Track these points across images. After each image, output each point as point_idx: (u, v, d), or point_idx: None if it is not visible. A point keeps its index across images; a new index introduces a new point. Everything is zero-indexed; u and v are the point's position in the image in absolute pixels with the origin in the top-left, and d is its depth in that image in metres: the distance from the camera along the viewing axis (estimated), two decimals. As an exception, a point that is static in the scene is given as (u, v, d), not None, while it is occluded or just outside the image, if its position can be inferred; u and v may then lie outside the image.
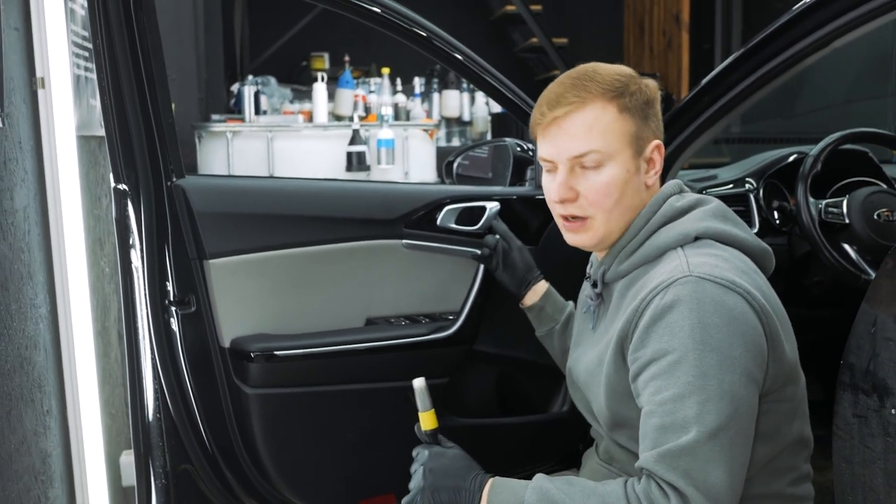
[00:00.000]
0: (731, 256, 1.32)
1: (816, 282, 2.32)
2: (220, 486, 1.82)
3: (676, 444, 1.20)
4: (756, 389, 1.25)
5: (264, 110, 4.96)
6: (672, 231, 1.36)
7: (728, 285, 1.24)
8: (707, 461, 1.19)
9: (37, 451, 1.76)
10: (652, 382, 1.25)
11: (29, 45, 1.79)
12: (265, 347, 1.78)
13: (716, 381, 1.21)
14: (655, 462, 1.21)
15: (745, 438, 1.23)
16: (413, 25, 1.89)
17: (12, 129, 1.69)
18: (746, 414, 1.23)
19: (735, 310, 1.23)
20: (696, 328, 1.22)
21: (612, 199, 1.37)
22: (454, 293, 2.00)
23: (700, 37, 6.92)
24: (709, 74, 2.09)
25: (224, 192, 1.79)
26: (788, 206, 2.31)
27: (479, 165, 2.58)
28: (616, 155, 1.36)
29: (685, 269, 1.27)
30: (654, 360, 1.26)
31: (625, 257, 1.40)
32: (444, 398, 1.97)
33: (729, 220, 1.40)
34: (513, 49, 7.32)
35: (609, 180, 1.36)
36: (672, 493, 1.20)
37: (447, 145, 5.62)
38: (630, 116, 1.36)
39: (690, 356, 1.21)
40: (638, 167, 1.38)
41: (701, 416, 1.20)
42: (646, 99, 1.38)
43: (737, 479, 1.22)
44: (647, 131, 1.38)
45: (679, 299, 1.24)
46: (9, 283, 1.64)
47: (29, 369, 1.73)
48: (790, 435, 1.36)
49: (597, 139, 1.35)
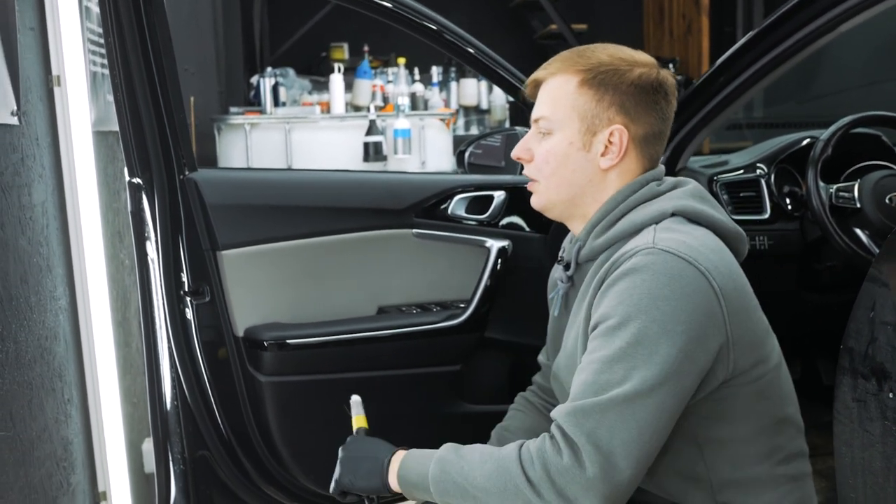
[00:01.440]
0: (701, 235, 1.32)
1: (829, 267, 2.32)
2: (236, 472, 1.86)
3: (590, 401, 1.21)
4: (693, 368, 1.23)
5: (283, 102, 4.99)
6: (649, 209, 1.36)
7: (689, 260, 1.24)
8: (614, 424, 1.19)
9: (58, 439, 1.81)
10: (591, 342, 1.27)
11: (45, 44, 1.83)
12: (278, 336, 1.82)
13: (647, 351, 1.20)
14: (565, 415, 1.22)
15: (663, 413, 1.21)
16: (423, 19, 1.91)
17: (29, 127, 1.73)
18: (673, 390, 1.21)
19: (689, 286, 1.23)
20: (645, 297, 1.22)
21: (549, 168, 1.40)
22: (465, 281, 2.02)
23: (721, 20, 6.87)
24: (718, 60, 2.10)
25: (235, 185, 1.83)
26: (800, 190, 2.31)
27: (491, 154, 2.60)
28: (563, 125, 1.38)
29: (650, 241, 1.28)
30: (599, 322, 1.27)
31: (600, 232, 1.39)
32: (455, 385, 2.00)
33: (706, 200, 1.40)
34: (532, 36, 7.30)
35: (550, 148, 1.40)
36: (567, 450, 1.20)
37: (466, 134, 5.62)
38: (591, 92, 1.36)
39: (632, 323, 1.22)
40: (586, 144, 1.37)
41: (623, 381, 1.20)
42: (626, 82, 1.36)
43: (644, 451, 1.20)
44: (611, 113, 1.36)
45: (637, 267, 1.25)
46: (28, 277, 1.69)
47: (49, 359, 1.78)
48: (768, 416, 1.35)
49: (549, 106, 1.40)
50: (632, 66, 1.38)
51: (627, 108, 1.37)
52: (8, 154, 1.62)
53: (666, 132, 1.43)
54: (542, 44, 7.26)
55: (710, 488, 1.35)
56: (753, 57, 2.05)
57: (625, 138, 1.37)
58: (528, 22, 7.35)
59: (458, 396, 2.02)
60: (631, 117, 1.37)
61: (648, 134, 1.40)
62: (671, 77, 1.42)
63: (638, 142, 1.39)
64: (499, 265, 1.97)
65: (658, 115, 1.40)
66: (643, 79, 1.37)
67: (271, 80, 4.84)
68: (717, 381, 1.29)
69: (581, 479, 1.19)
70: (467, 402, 2.03)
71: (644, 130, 1.39)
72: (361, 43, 5.82)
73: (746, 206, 2.33)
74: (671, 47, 6.75)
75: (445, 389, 1.99)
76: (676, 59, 6.46)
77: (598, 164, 1.39)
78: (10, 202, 1.62)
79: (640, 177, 1.41)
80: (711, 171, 2.39)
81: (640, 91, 1.37)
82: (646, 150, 1.41)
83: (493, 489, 1.24)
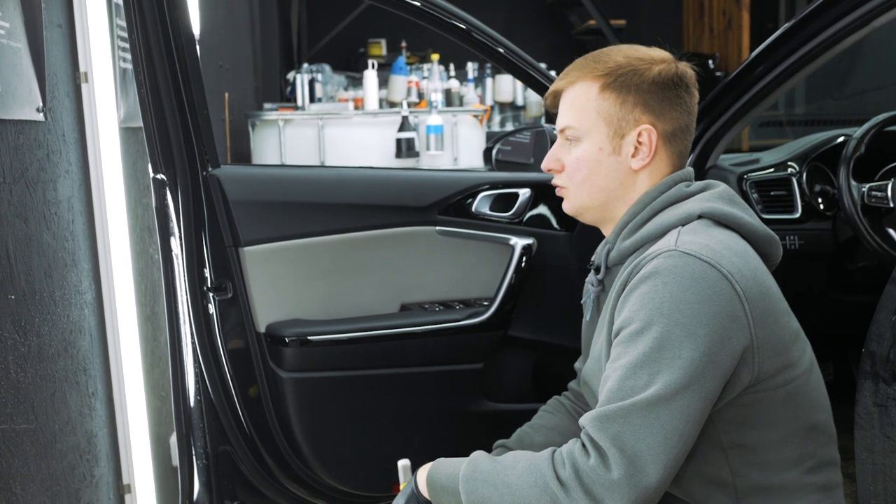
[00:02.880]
0: (725, 238, 1.30)
1: (861, 267, 2.28)
2: (258, 467, 1.87)
3: (615, 406, 1.20)
4: (716, 371, 1.22)
5: (319, 98, 5.02)
6: (676, 211, 1.35)
7: (710, 262, 1.23)
8: (639, 428, 1.18)
9: (82, 432, 1.84)
10: (615, 349, 1.26)
11: (72, 41, 1.86)
12: (300, 332, 1.82)
13: (671, 355, 1.19)
14: (591, 421, 1.22)
15: (688, 417, 1.20)
16: (452, 18, 1.91)
17: (55, 123, 1.76)
18: (697, 393, 1.20)
19: (712, 289, 1.22)
20: (667, 301, 1.21)
21: (581, 175, 1.41)
22: (488, 279, 2.02)
23: (763, 16, 6.76)
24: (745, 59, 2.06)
25: (257, 181, 1.84)
26: (832, 189, 2.26)
27: (520, 151, 2.58)
28: (591, 132, 1.39)
29: (672, 243, 1.27)
30: (622, 328, 1.26)
31: (628, 234, 1.39)
32: (478, 383, 2.00)
33: (735, 203, 1.38)
34: (570, 31, 7.25)
35: (580, 156, 1.40)
36: (594, 452, 1.20)
37: (500, 130, 5.61)
38: (613, 96, 1.37)
39: (654, 327, 1.21)
40: (615, 148, 1.38)
41: (647, 386, 1.19)
42: (647, 81, 1.36)
43: (670, 455, 1.19)
44: (637, 114, 1.36)
45: (657, 271, 1.24)
46: (52, 271, 1.71)
47: (73, 353, 1.81)
48: (797, 422, 1.33)
49: (574, 115, 1.40)
50: (650, 64, 1.37)
51: (652, 107, 1.37)
52: (34, 150, 1.64)
53: (692, 125, 1.42)
54: (581, 39, 7.21)
55: (735, 494, 1.33)
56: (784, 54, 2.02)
57: (654, 137, 1.37)
58: (567, 17, 7.30)
59: (481, 394, 2.02)
60: (656, 115, 1.37)
61: (676, 129, 1.39)
62: (690, 69, 1.41)
63: (666, 138, 1.39)
64: (523, 263, 1.96)
65: (682, 109, 1.39)
66: (663, 75, 1.37)
67: (308, 76, 4.87)
68: (741, 385, 1.28)
69: (606, 480, 1.19)
70: (490, 401, 2.03)
71: (671, 126, 1.38)
72: (399, 39, 5.83)
73: (777, 204, 2.30)
74: (711, 43, 6.67)
75: (468, 387, 1.99)
76: (716, 55, 6.38)
77: (630, 166, 1.39)
78: (35, 197, 1.64)
79: (668, 177, 1.40)
80: (741, 170, 2.35)
81: (661, 87, 1.37)
82: (674, 145, 1.40)
83: (523, 485, 1.24)
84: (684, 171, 1.42)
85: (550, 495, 1.21)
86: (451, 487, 1.31)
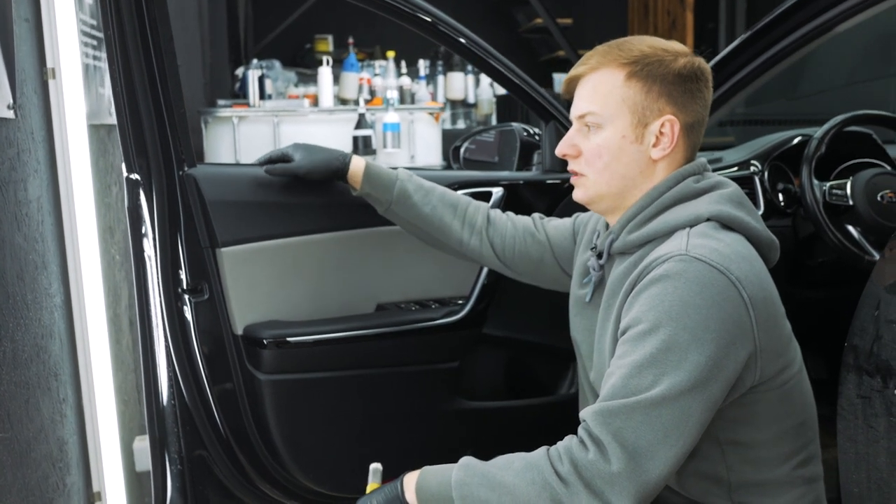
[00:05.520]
0: (734, 242, 1.32)
1: (820, 263, 2.33)
2: (234, 471, 1.84)
3: (617, 402, 1.22)
4: (721, 376, 1.24)
5: (269, 94, 4.95)
6: (685, 211, 1.36)
7: (720, 269, 1.25)
8: (640, 425, 1.20)
9: (54, 439, 1.79)
10: (621, 346, 1.27)
11: (39, 35, 1.80)
12: (277, 334, 1.81)
13: (677, 358, 1.21)
14: (592, 415, 1.23)
15: (689, 419, 1.22)
16: (417, 11, 1.90)
17: (25, 121, 1.70)
18: (700, 396, 1.22)
19: (720, 295, 1.24)
20: (676, 304, 1.23)
21: (602, 162, 1.40)
22: (463, 277, 2.02)
23: (704, 17, 6.89)
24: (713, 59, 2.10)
25: (235, 181, 1.81)
26: (793, 188, 2.32)
27: (485, 150, 2.60)
28: (614, 119, 1.38)
29: (683, 247, 1.28)
30: (630, 327, 1.27)
31: (634, 228, 1.40)
32: (454, 382, 2.00)
33: (744, 206, 1.39)
34: (517, 29, 7.30)
35: (602, 142, 1.39)
36: (592, 447, 1.21)
37: (452, 128, 5.62)
38: (639, 85, 1.36)
39: (662, 330, 1.22)
40: (638, 136, 1.38)
41: (652, 386, 1.21)
42: (672, 72, 1.36)
43: (669, 454, 1.21)
44: (661, 104, 1.36)
45: (668, 274, 1.25)
46: (24, 274, 1.66)
47: (45, 358, 1.76)
48: (791, 419, 1.37)
49: (597, 101, 1.39)
50: (674, 55, 1.38)
51: (675, 98, 1.37)
52: (4, 149, 1.59)
53: (706, 118, 1.43)
54: (527, 38, 7.27)
55: (728, 488, 1.37)
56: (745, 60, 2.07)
57: (676, 128, 1.38)
58: (513, 16, 7.35)
59: (456, 393, 2.02)
60: (679, 107, 1.38)
61: (695, 122, 1.40)
62: (706, 63, 1.42)
63: (686, 130, 1.40)
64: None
65: (701, 103, 1.40)
66: (687, 67, 1.37)
67: (257, 72, 4.81)
68: (744, 387, 1.31)
69: (606, 472, 1.20)
70: (464, 399, 2.03)
71: (691, 119, 1.39)
72: (346, 35, 5.79)
73: (741, 202, 2.34)
74: (655, 42, 6.77)
75: (444, 386, 1.99)
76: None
77: (650, 156, 1.39)
78: (7, 198, 1.59)
79: (677, 172, 1.40)
80: (706, 168, 2.39)
81: (684, 80, 1.37)
82: (691, 138, 1.41)
83: (521, 484, 1.23)
84: (695, 164, 1.42)
85: (550, 492, 1.21)
86: (443, 494, 1.29)
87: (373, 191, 1.75)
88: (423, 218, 1.76)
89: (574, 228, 1.72)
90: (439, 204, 1.76)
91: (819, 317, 2.28)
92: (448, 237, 1.77)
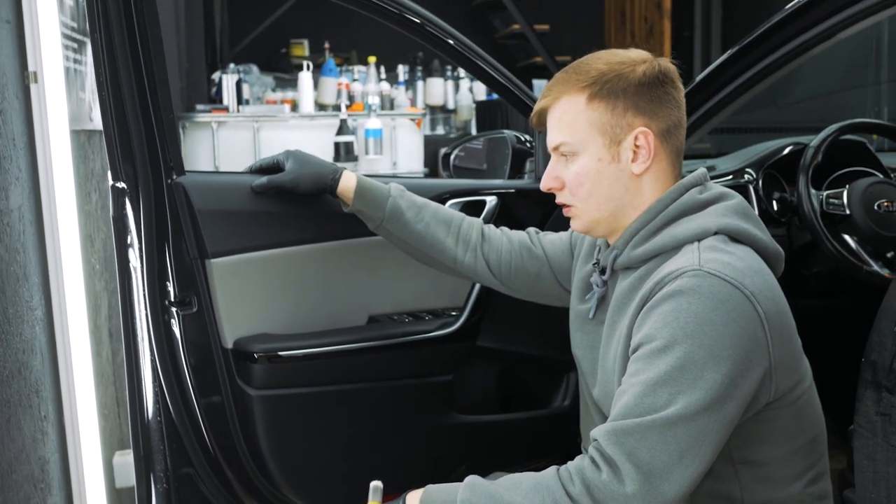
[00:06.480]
0: (745, 255, 1.29)
1: (816, 272, 2.31)
2: (222, 490, 1.79)
3: (631, 421, 1.18)
4: (737, 394, 1.21)
5: (246, 99, 4.89)
6: (692, 224, 1.32)
7: (735, 284, 1.22)
8: (655, 445, 1.17)
9: (35, 459, 1.72)
10: (634, 364, 1.24)
11: (21, 37, 1.73)
12: (269, 348, 1.75)
13: (693, 377, 1.18)
14: (605, 434, 1.20)
15: (705, 438, 1.19)
16: (405, 11, 1.86)
17: (6, 126, 1.63)
18: (716, 416, 1.19)
19: (735, 311, 1.21)
20: (692, 321, 1.20)
21: (584, 189, 1.38)
22: (456, 288, 1.99)
23: (680, 24, 6.92)
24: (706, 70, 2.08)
25: (225, 190, 1.75)
26: (788, 196, 2.30)
27: (474, 157, 2.56)
28: (587, 145, 1.36)
29: (696, 262, 1.25)
30: (642, 344, 1.24)
31: (639, 242, 1.36)
32: (448, 395, 1.96)
33: (750, 218, 1.36)
34: (493, 35, 7.28)
35: (580, 170, 1.37)
36: (605, 467, 1.18)
37: (431, 133, 5.58)
38: (602, 105, 1.34)
39: (678, 347, 1.19)
40: (614, 156, 1.35)
41: (667, 405, 1.18)
42: (633, 84, 1.33)
43: (685, 475, 1.18)
44: (629, 118, 1.33)
45: (682, 290, 1.22)
46: (6, 287, 1.59)
47: (26, 374, 1.68)
48: (803, 435, 1.35)
49: (566, 131, 1.37)
50: (632, 65, 1.34)
51: (643, 108, 1.34)
52: (-16, 156, 1.52)
53: (683, 118, 1.40)
54: (504, 44, 7.25)
55: None
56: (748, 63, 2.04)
57: (650, 139, 1.35)
58: (490, 21, 7.33)
59: (450, 407, 1.98)
60: (649, 116, 1.34)
61: (669, 126, 1.36)
62: (670, 63, 1.38)
63: (662, 137, 1.36)
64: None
65: (672, 105, 1.36)
66: (647, 74, 1.34)
67: (234, 76, 4.73)
68: (759, 405, 1.28)
69: (620, 494, 1.16)
70: (458, 413, 1.99)
71: (664, 124, 1.36)
72: (322, 40, 5.73)
73: (735, 212, 2.32)
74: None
75: (438, 400, 1.95)
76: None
77: (632, 171, 1.36)
78: (-12, 207, 1.52)
79: (680, 183, 1.37)
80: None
81: (648, 87, 1.34)
82: (670, 143, 1.37)
83: None
84: (696, 175, 1.39)
85: None
86: None
87: (364, 208, 1.71)
88: (415, 235, 1.71)
89: (571, 242, 1.69)
90: (432, 221, 1.72)
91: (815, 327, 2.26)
92: (442, 255, 1.73)
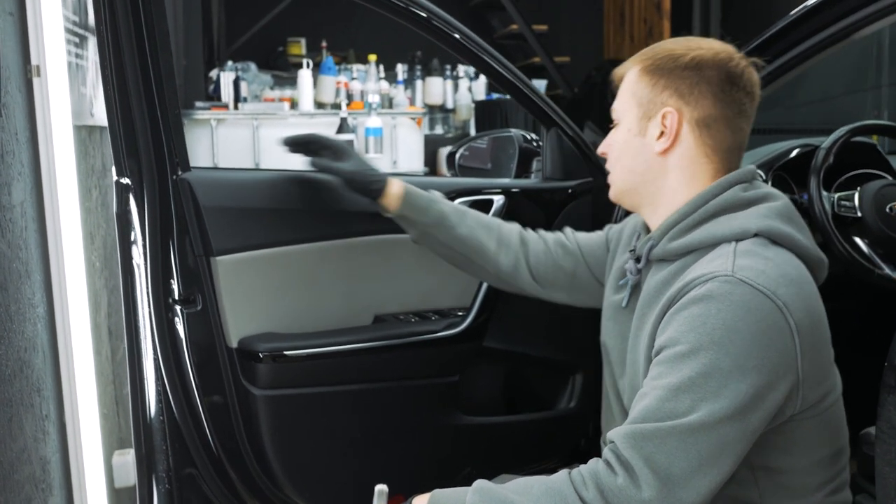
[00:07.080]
0: (783, 262, 1.24)
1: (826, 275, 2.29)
2: (225, 491, 1.76)
3: (651, 426, 1.16)
4: (761, 406, 1.18)
5: (244, 97, 4.86)
6: (732, 223, 1.29)
7: (767, 294, 1.18)
8: (674, 451, 1.14)
9: (37, 459, 1.68)
10: (657, 367, 1.21)
11: (24, 31, 1.70)
12: (274, 347, 1.72)
13: (717, 385, 1.15)
14: (623, 437, 1.17)
15: (726, 448, 1.16)
16: (411, 6, 1.83)
17: (9, 121, 1.60)
18: (738, 426, 1.16)
19: (765, 321, 1.18)
20: (719, 328, 1.17)
21: (613, 156, 1.42)
22: (463, 288, 1.96)
23: (679, 25, 6.91)
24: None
25: (232, 186, 1.72)
26: (797, 198, 2.28)
27: (478, 156, 2.53)
28: (625, 114, 1.40)
29: (729, 268, 1.21)
30: (666, 346, 1.21)
31: (677, 235, 1.33)
32: (454, 396, 1.93)
33: (793, 221, 1.32)
34: (492, 35, 7.26)
35: (615, 137, 1.42)
36: (621, 471, 1.15)
37: (430, 132, 5.55)
38: (647, 79, 1.36)
39: (703, 353, 1.16)
40: (641, 130, 1.36)
41: (689, 412, 1.15)
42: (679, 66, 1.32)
43: (703, 483, 1.15)
44: (665, 97, 1.33)
45: (712, 295, 1.19)
46: (8, 284, 1.55)
47: (28, 373, 1.65)
48: (828, 447, 1.32)
49: (618, 99, 1.42)
50: (688, 50, 1.34)
51: (682, 91, 1.33)
52: (-13, 150, 1.49)
53: (735, 120, 1.34)
54: (503, 44, 7.23)
55: None
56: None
57: (675, 121, 1.33)
58: (489, 21, 7.32)
59: (456, 408, 1.95)
60: (685, 100, 1.33)
61: (707, 117, 1.33)
62: (747, 67, 1.34)
63: (694, 125, 1.33)
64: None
65: (720, 99, 1.32)
66: (696, 60, 1.32)
67: (232, 74, 4.70)
68: (784, 416, 1.25)
69: (636, 499, 1.13)
70: (463, 414, 1.96)
71: (701, 113, 1.33)
72: (319, 38, 5.70)
73: (744, 213, 2.30)
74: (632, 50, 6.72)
75: (444, 401, 1.93)
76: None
77: (654, 149, 1.36)
78: (-10, 203, 1.49)
79: (724, 178, 1.33)
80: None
81: (693, 74, 1.32)
82: (707, 134, 1.33)
83: None
84: (743, 171, 1.35)
85: None
86: None
87: (411, 213, 1.68)
88: (460, 240, 1.68)
89: (607, 238, 1.68)
90: (475, 225, 1.70)
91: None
92: (484, 259, 1.70)
